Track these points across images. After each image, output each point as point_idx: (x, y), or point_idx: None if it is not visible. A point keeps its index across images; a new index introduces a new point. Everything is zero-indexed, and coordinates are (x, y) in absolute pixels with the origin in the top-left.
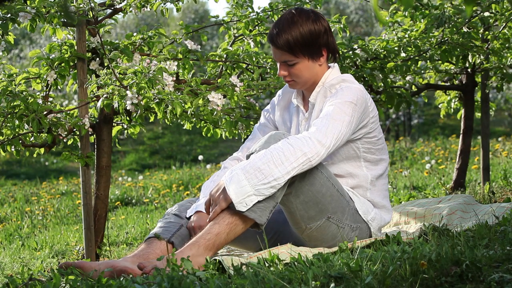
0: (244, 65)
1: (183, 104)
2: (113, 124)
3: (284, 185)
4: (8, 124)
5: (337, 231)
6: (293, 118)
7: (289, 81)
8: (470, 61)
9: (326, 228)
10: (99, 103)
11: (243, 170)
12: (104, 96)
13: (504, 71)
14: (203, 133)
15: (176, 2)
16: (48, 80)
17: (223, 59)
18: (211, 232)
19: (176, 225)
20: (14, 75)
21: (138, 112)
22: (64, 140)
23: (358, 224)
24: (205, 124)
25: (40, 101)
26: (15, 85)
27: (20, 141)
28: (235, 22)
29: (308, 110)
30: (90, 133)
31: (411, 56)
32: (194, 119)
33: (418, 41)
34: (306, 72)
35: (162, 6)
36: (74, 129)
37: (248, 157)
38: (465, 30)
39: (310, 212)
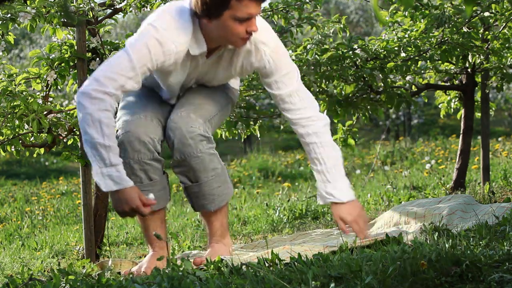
0: None
1: None
2: None
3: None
4: (8, 124)
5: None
6: (179, 67)
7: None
8: (470, 61)
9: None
10: None
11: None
12: None
13: (504, 71)
14: None
15: None
16: (48, 80)
17: None
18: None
19: (163, 184)
20: (14, 75)
21: None
22: (64, 140)
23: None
24: None
25: (40, 101)
26: (15, 85)
27: (20, 141)
28: None
29: (209, 57)
30: None
31: (411, 56)
32: None
33: (418, 41)
34: None
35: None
36: (74, 129)
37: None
38: (465, 30)
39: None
